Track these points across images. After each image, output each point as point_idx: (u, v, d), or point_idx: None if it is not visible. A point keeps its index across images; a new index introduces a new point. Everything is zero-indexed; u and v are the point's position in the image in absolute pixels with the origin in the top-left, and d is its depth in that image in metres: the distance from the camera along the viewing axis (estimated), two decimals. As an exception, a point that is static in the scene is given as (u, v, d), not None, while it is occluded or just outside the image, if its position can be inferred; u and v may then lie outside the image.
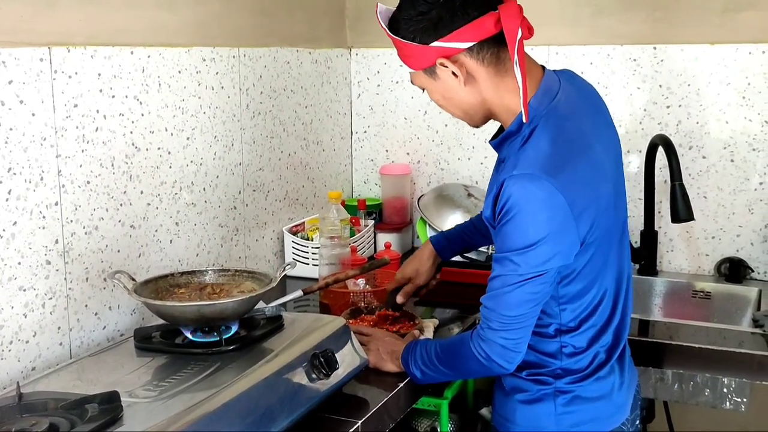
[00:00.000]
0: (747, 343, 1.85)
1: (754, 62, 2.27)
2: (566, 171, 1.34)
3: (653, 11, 2.36)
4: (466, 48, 1.36)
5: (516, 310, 1.38)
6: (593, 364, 1.49)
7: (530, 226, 1.33)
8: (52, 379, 1.34)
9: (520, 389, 1.51)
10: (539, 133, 1.37)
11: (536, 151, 1.35)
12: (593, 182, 1.40)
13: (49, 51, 1.54)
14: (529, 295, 1.37)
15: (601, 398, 1.50)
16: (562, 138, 1.37)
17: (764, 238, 2.32)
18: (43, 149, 1.54)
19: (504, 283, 1.37)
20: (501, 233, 1.36)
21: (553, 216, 1.33)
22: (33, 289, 1.54)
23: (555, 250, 1.34)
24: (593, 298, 1.47)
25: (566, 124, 1.40)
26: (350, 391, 1.52)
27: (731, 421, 2.40)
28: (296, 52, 2.39)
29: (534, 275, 1.35)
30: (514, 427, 1.52)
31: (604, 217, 1.43)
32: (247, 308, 1.48)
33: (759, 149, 2.30)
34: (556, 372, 1.49)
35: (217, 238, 2.07)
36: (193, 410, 1.18)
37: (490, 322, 1.41)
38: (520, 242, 1.34)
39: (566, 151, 1.37)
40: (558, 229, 1.33)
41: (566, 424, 1.48)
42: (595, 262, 1.44)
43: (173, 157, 1.89)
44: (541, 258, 1.34)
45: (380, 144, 2.76)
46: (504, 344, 1.40)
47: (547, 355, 1.49)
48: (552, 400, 1.48)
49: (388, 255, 2.26)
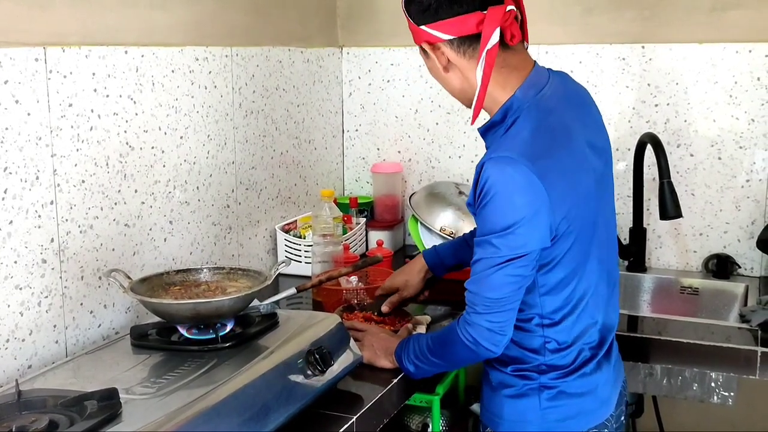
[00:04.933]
0: (734, 338, 1.87)
1: (741, 61, 2.30)
2: (545, 158, 1.36)
3: (642, 10, 2.38)
4: (447, 39, 1.41)
5: (498, 292, 1.39)
6: (578, 361, 1.50)
7: (508, 209, 1.35)
8: (50, 377, 1.35)
9: (507, 384, 1.52)
10: (521, 123, 1.40)
11: (516, 138, 1.39)
12: (572, 172, 1.42)
13: (44, 51, 1.55)
14: (511, 277, 1.38)
15: (586, 394, 1.51)
16: (543, 128, 1.40)
17: (751, 235, 2.35)
18: (38, 149, 1.55)
19: (485, 266, 1.39)
20: (480, 216, 1.39)
21: (531, 200, 1.35)
22: (29, 288, 1.55)
23: (533, 232, 1.36)
24: (574, 291, 1.47)
25: (549, 116, 1.43)
26: (344, 387, 1.54)
27: (719, 415, 2.44)
28: (288, 52, 2.41)
29: (513, 257, 1.36)
30: (502, 422, 1.53)
31: (583, 208, 1.44)
32: (242, 306, 1.50)
33: (746, 147, 2.33)
34: (540, 368, 1.49)
35: (211, 237, 2.09)
36: (190, 407, 1.19)
37: (475, 306, 1.42)
38: (498, 225, 1.36)
39: (547, 140, 1.40)
40: (535, 212, 1.35)
41: (551, 419, 1.49)
42: (575, 253, 1.45)
43: (167, 156, 1.90)
44: (519, 240, 1.35)
45: (372, 142, 2.78)
46: (490, 327, 1.41)
47: (530, 351, 1.49)
48: (537, 396, 1.50)
49: (380, 252, 2.28)
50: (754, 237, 2.32)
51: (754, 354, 1.80)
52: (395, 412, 1.60)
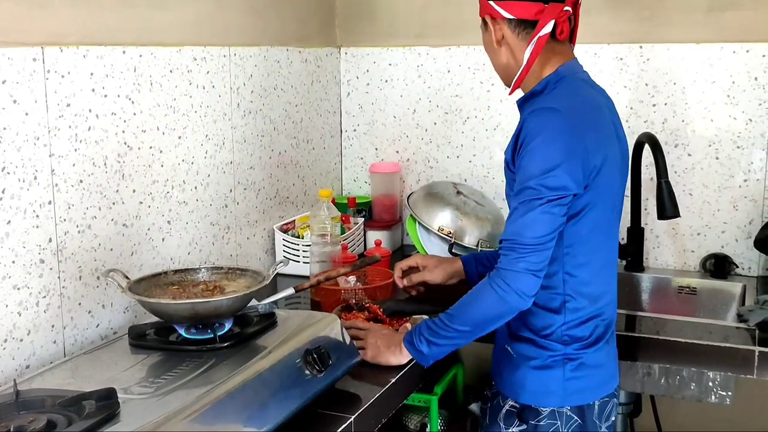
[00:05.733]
0: (732, 337, 1.88)
1: (739, 61, 2.30)
2: (581, 115, 1.54)
3: (640, 10, 2.38)
4: (507, 18, 1.59)
5: (538, 230, 1.48)
6: (594, 334, 1.62)
7: (549, 152, 1.48)
8: (48, 377, 1.35)
9: (531, 356, 1.61)
10: (560, 89, 1.58)
11: (556, 97, 1.56)
12: (603, 137, 1.58)
13: (42, 51, 1.55)
14: (549, 216, 1.48)
15: (601, 366, 1.64)
16: (579, 98, 1.58)
17: (748, 235, 2.35)
18: (36, 149, 1.55)
19: (525, 210, 1.49)
20: (521, 165, 1.51)
21: (569, 145, 1.49)
22: (27, 288, 1.55)
23: (570, 175, 1.48)
24: (596, 250, 1.60)
25: (584, 89, 1.62)
26: (343, 387, 1.54)
27: (717, 414, 2.44)
28: (286, 51, 2.41)
29: (552, 198, 1.48)
30: (523, 393, 1.61)
31: (610, 172, 1.57)
32: (240, 305, 1.50)
33: (743, 147, 2.33)
34: (564, 339, 1.59)
35: (209, 236, 2.09)
36: (188, 407, 1.19)
37: (512, 252, 1.50)
38: (539, 168, 1.48)
39: (582, 105, 1.57)
40: (572, 155, 1.48)
41: (571, 390, 1.60)
42: (599, 211, 1.57)
43: (165, 155, 1.90)
44: (558, 182, 1.47)
45: (370, 142, 2.78)
46: (528, 268, 1.48)
47: (552, 311, 1.58)
48: (561, 367, 1.59)
49: (378, 252, 2.28)
50: (752, 237, 2.32)
51: (751, 353, 1.81)
52: (393, 411, 1.60)
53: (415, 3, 2.66)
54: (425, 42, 2.65)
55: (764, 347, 1.81)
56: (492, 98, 2.58)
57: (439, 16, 2.63)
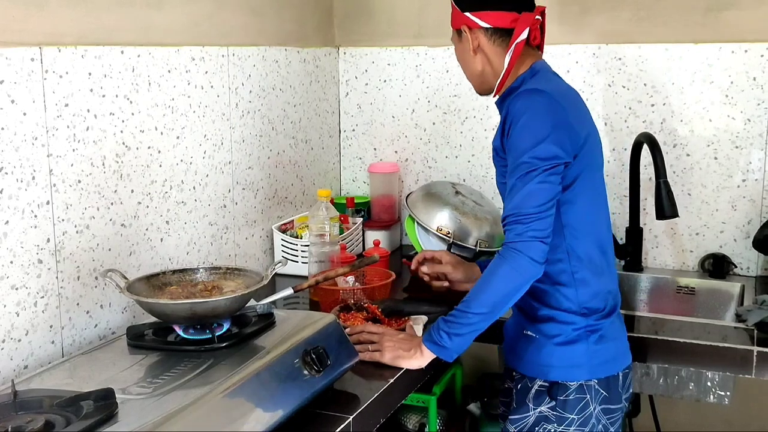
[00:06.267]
0: (730, 337, 1.88)
1: (737, 61, 2.30)
2: (562, 95, 1.64)
3: (638, 10, 2.38)
4: (484, 27, 1.68)
5: (537, 199, 1.55)
6: (608, 307, 1.69)
7: (536, 125, 1.57)
8: (46, 377, 1.35)
9: (553, 334, 1.66)
10: (538, 77, 1.69)
11: (534, 83, 1.65)
12: (583, 114, 1.69)
13: (40, 51, 1.55)
14: (546, 184, 1.56)
15: (618, 338, 1.72)
16: (557, 83, 1.70)
17: (747, 235, 2.35)
18: (34, 149, 1.54)
19: (522, 183, 1.57)
20: (511, 143, 1.60)
21: (554, 117, 1.58)
22: (25, 288, 1.55)
23: (558, 144, 1.57)
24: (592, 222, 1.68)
25: (558, 79, 1.74)
26: (341, 387, 1.54)
27: (715, 414, 2.44)
28: (285, 51, 2.41)
29: (546, 167, 1.56)
30: (552, 370, 1.66)
31: (594, 148, 1.69)
32: (239, 306, 1.49)
33: (742, 147, 2.33)
34: (582, 311, 1.65)
35: (207, 237, 2.09)
36: (186, 407, 1.19)
37: (517, 225, 1.56)
38: (528, 142, 1.56)
39: (560, 88, 1.69)
40: (558, 126, 1.58)
41: (596, 362, 1.65)
42: (588, 185, 1.66)
43: (163, 155, 1.90)
44: (549, 151, 1.56)
45: (368, 142, 2.78)
46: (534, 235, 1.55)
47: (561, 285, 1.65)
48: (585, 339, 1.65)
49: (377, 252, 2.28)
50: (750, 236, 2.32)
51: (750, 353, 1.81)
52: (392, 411, 1.60)
53: (414, 3, 2.65)
54: (424, 42, 2.65)
55: (763, 347, 1.81)
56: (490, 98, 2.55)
57: (438, 16, 2.62)
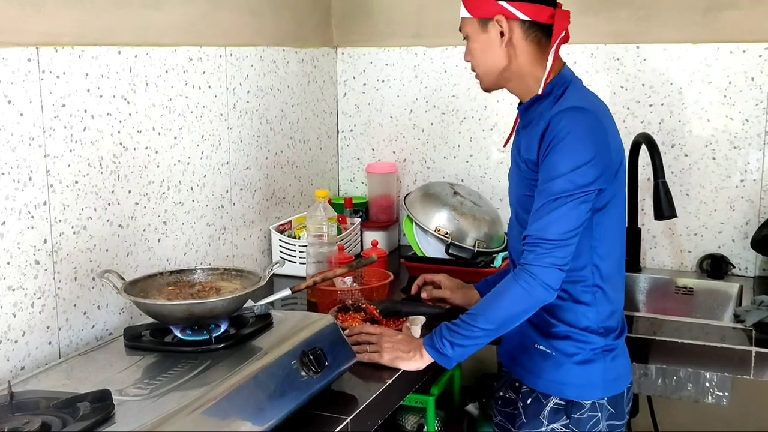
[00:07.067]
0: (728, 338, 1.87)
1: (736, 61, 2.30)
2: (603, 115, 1.60)
3: (637, 10, 2.38)
4: (522, 19, 1.60)
5: (563, 226, 1.52)
6: (620, 324, 1.69)
7: (578, 149, 1.52)
8: (42, 379, 1.35)
9: (573, 353, 1.63)
10: (573, 90, 1.61)
11: (575, 98, 1.58)
12: (617, 135, 1.64)
13: (37, 51, 1.54)
14: (575, 211, 1.52)
15: (625, 355, 1.71)
16: (590, 99, 1.62)
17: (745, 235, 2.35)
18: (31, 149, 1.54)
19: (552, 207, 1.52)
20: (549, 162, 1.54)
21: (596, 142, 1.53)
22: (22, 289, 1.54)
23: (596, 171, 1.52)
24: (616, 240, 1.66)
25: (590, 92, 1.66)
26: (339, 388, 1.54)
27: (713, 415, 2.44)
28: (283, 52, 2.40)
29: (581, 194, 1.52)
30: (568, 389, 1.64)
31: (624, 167, 1.64)
32: (236, 307, 1.49)
33: (740, 147, 2.33)
34: (600, 330, 1.63)
35: (205, 237, 2.08)
36: (183, 408, 1.18)
37: (537, 248, 1.53)
38: (569, 164, 1.51)
39: (599, 106, 1.63)
40: (599, 153, 1.53)
41: (609, 379, 1.65)
42: (619, 207, 1.64)
43: (161, 156, 1.89)
44: (586, 178, 1.52)
45: (366, 142, 2.78)
46: (553, 262, 1.52)
47: (583, 304, 1.62)
48: (603, 359, 1.64)
49: (375, 253, 2.27)
50: (749, 237, 2.32)
51: (748, 354, 1.81)
52: (390, 412, 1.60)
53: (412, 3, 2.65)
54: (422, 42, 2.65)
55: (761, 348, 1.81)
56: (489, 98, 2.58)
57: (436, 16, 2.62)
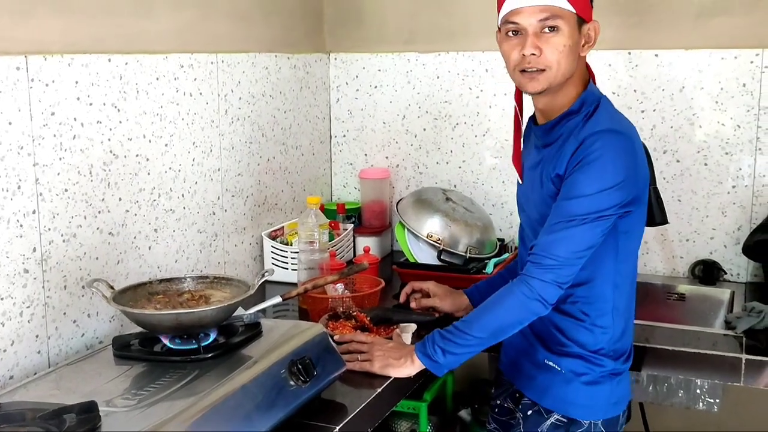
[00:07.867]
0: (720, 344, 1.88)
1: (727, 67, 2.30)
2: (636, 138, 1.58)
3: (629, 17, 2.38)
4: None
5: (576, 246, 1.51)
6: (629, 347, 1.69)
7: (609, 170, 1.50)
8: (30, 389, 1.34)
9: (582, 372, 1.63)
10: (603, 110, 1.59)
11: (608, 118, 1.57)
12: (645, 164, 1.61)
13: (26, 59, 1.54)
14: (591, 233, 1.51)
15: (627, 378, 1.71)
16: (623, 122, 1.60)
17: (737, 241, 2.35)
18: (20, 158, 1.54)
19: (571, 224, 1.50)
20: (573, 180, 1.52)
21: (628, 164, 1.52)
22: (10, 298, 1.54)
23: (624, 195, 1.51)
24: (634, 262, 1.66)
25: (619, 113, 1.63)
26: (330, 397, 1.53)
27: (705, 421, 2.44)
28: (275, 58, 2.40)
29: (600, 216, 1.50)
30: (575, 408, 1.64)
31: (645, 196, 1.62)
32: (225, 316, 1.49)
33: (732, 153, 2.33)
34: (610, 354, 1.63)
35: (196, 244, 2.08)
36: (171, 419, 1.18)
37: (542, 262, 1.52)
38: (595, 186, 1.49)
39: (630, 129, 1.60)
40: (631, 177, 1.52)
41: (612, 401, 1.66)
42: (641, 229, 1.63)
43: (151, 163, 1.89)
44: (611, 201, 1.50)
45: (359, 148, 2.78)
46: (555, 280, 1.51)
47: (601, 327, 1.61)
48: (610, 381, 1.64)
49: (367, 259, 2.27)
50: (740, 243, 2.32)
51: (738, 361, 1.81)
52: (380, 421, 1.60)
53: (405, 9, 2.65)
54: (414, 48, 2.65)
55: (751, 355, 1.81)
56: (481, 104, 2.58)
57: (429, 22, 2.62)
